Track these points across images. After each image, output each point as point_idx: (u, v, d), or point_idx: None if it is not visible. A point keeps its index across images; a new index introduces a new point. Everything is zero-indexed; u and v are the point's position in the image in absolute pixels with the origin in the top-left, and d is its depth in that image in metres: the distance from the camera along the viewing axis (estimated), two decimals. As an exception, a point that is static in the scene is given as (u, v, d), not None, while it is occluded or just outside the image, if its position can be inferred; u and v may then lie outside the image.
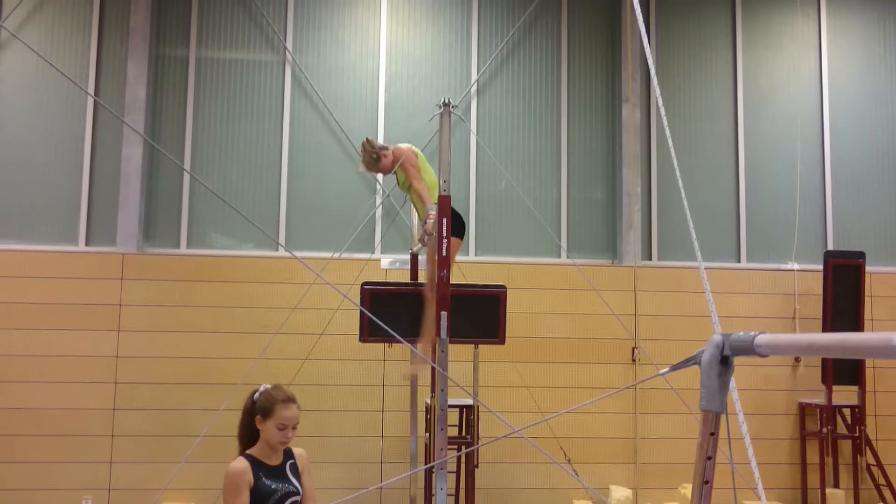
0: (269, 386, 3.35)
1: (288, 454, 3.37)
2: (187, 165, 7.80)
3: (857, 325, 7.64)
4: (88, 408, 7.29)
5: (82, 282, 7.43)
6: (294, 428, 3.27)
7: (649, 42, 8.33)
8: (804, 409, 7.88)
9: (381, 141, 8.01)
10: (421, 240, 5.82)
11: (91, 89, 7.73)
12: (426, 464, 6.19)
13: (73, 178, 7.69)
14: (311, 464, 3.44)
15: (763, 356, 1.60)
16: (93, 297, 7.42)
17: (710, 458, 1.77)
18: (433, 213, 4.94)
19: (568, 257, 7.82)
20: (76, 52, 7.84)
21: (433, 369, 5.22)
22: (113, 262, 7.49)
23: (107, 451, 7.28)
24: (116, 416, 7.33)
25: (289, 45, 8.05)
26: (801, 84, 8.56)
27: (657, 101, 4.25)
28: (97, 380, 7.33)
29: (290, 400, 3.27)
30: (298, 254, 7.50)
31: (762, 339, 1.58)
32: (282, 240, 7.78)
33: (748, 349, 1.61)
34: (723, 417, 1.76)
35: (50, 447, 7.19)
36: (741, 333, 1.65)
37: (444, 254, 4.66)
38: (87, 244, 7.63)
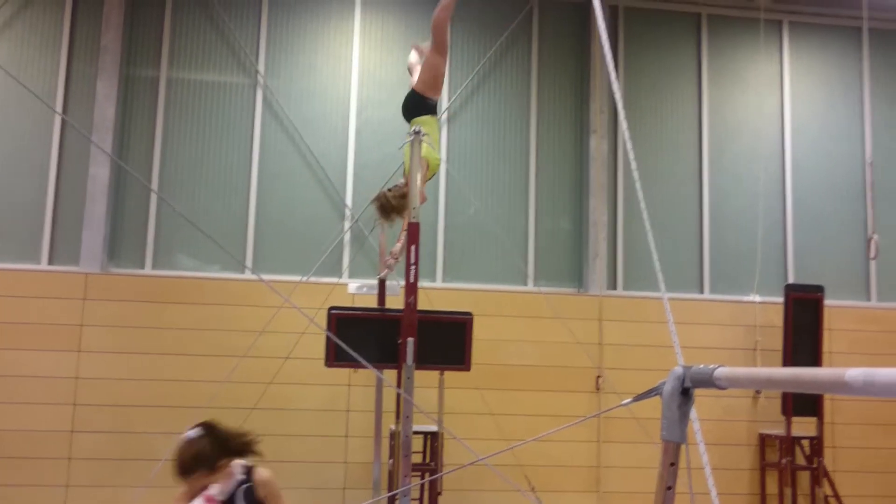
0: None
1: (243, 478, 3.24)
2: (155, 186, 7.74)
3: (816, 357, 7.78)
4: (45, 430, 7.15)
5: (44, 301, 7.32)
6: None
7: (617, 76, 8.48)
8: (764, 440, 7.98)
9: (350, 165, 8.05)
10: (387, 264, 5.84)
11: (59, 108, 7.67)
12: (389, 491, 6.16)
13: (38, 196, 7.60)
14: (278, 491, 3.33)
15: (722, 388, 1.64)
16: (54, 317, 7.30)
17: (669, 488, 1.80)
18: (403, 238, 4.97)
19: (534, 285, 7.88)
20: (45, 70, 7.78)
21: (398, 395, 5.21)
22: (76, 281, 7.39)
23: (63, 474, 7.13)
24: (74, 438, 7.19)
25: (260, 67, 8.07)
26: (765, 121, 8.77)
27: (624, 134, 4.33)
28: (55, 401, 7.19)
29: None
30: (266, 277, 7.47)
31: (721, 372, 1.62)
32: (249, 262, 7.74)
33: (708, 381, 1.65)
34: (683, 447, 1.80)
35: (4, 469, 7.03)
36: (701, 366, 1.69)
37: (411, 281, 4.67)
38: (49, 263, 7.53)
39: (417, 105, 5.36)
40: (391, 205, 5.43)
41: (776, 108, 8.82)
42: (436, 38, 5.30)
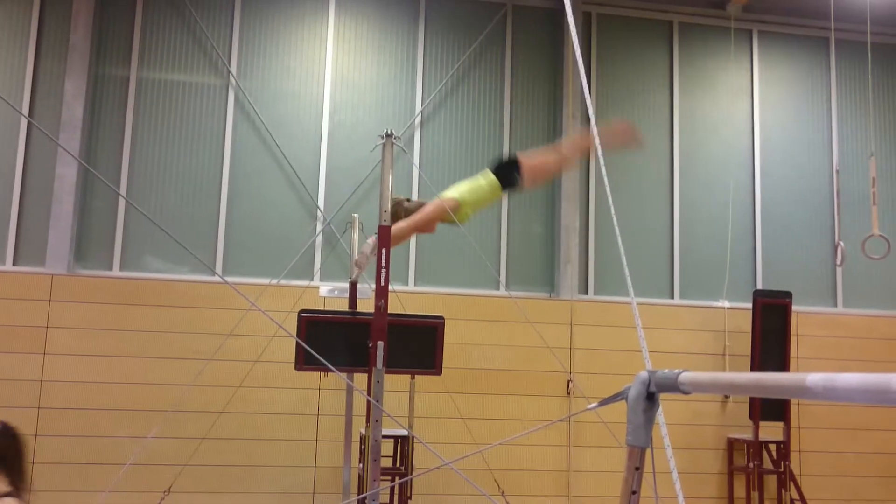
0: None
1: None
2: (124, 186, 7.65)
3: (784, 362, 7.87)
4: (9, 433, 7.01)
5: (8, 302, 7.19)
6: None
7: (590, 82, 8.55)
8: (732, 444, 8.05)
9: (322, 168, 8.01)
10: (360, 265, 5.79)
11: (26, 107, 7.55)
12: (359, 495, 6.13)
13: (3, 196, 7.48)
14: None
15: (686, 393, 1.65)
16: (19, 319, 7.18)
17: (634, 493, 1.81)
18: (374, 237, 4.93)
19: (506, 290, 7.89)
20: (12, 67, 7.66)
21: (368, 400, 5.19)
22: (41, 282, 7.27)
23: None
24: (39, 441, 7.07)
25: (233, 68, 8.01)
26: (735, 129, 8.87)
27: (595, 140, 4.35)
28: (19, 404, 7.06)
29: None
30: (236, 279, 7.41)
31: (686, 376, 1.63)
32: (219, 265, 7.67)
33: (672, 386, 1.66)
34: (648, 452, 1.81)
35: (-35, 474, 6.89)
36: (666, 371, 1.70)
37: (382, 284, 4.65)
38: (14, 264, 7.41)
39: (507, 170, 5.07)
40: (401, 216, 5.20)
41: (746, 116, 8.92)
42: (564, 159, 5.55)
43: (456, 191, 4.98)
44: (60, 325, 7.24)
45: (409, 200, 5.22)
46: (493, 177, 5.04)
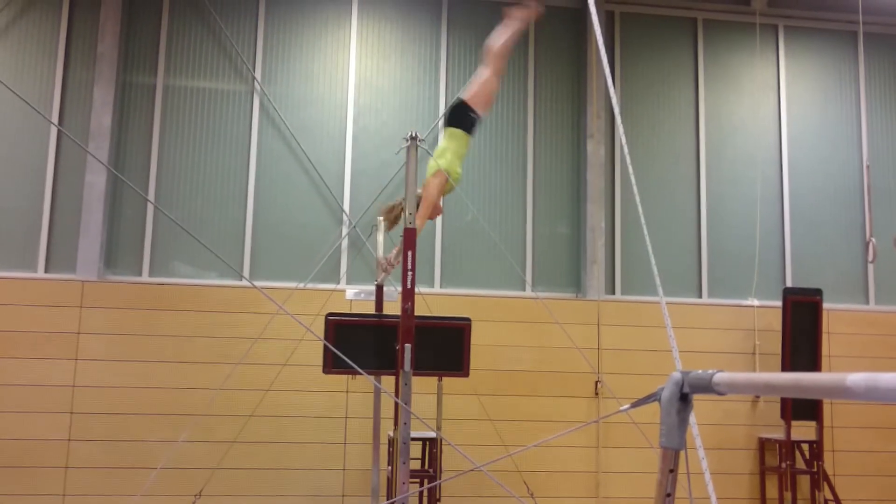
0: None
1: None
2: (152, 193, 7.73)
3: (815, 361, 7.77)
4: (42, 438, 7.12)
5: (40, 309, 7.29)
6: None
7: (614, 80, 8.50)
8: (763, 444, 7.96)
9: (347, 171, 8.04)
10: (385, 270, 5.81)
11: (56, 115, 7.66)
12: (388, 498, 6.13)
13: (35, 204, 7.58)
14: None
15: (721, 394, 1.63)
16: (50, 325, 7.28)
17: (669, 495, 1.79)
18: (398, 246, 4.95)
19: (532, 291, 7.86)
20: (42, 77, 7.77)
21: (396, 403, 5.19)
22: (72, 289, 7.37)
23: (60, 483, 7.09)
24: (71, 446, 7.16)
25: (257, 75, 8.06)
26: (761, 125, 8.78)
27: (621, 139, 4.33)
28: (52, 409, 7.16)
29: None
30: (263, 283, 7.46)
31: (720, 377, 1.61)
32: (246, 269, 7.72)
33: (706, 387, 1.64)
34: (682, 454, 1.79)
35: (1, 478, 6.99)
36: (700, 371, 1.68)
37: (408, 286, 4.65)
38: (46, 271, 7.51)
39: (461, 116, 5.27)
40: (402, 217, 5.25)
41: (773, 113, 8.82)
42: (497, 63, 5.34)
43: (437, 163, 5.08)
44: (91, 330, 7.33)
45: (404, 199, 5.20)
46: (457, 130, 5.18)
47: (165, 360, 7.37)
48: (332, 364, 5.61)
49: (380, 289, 6.60)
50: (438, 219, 8.09)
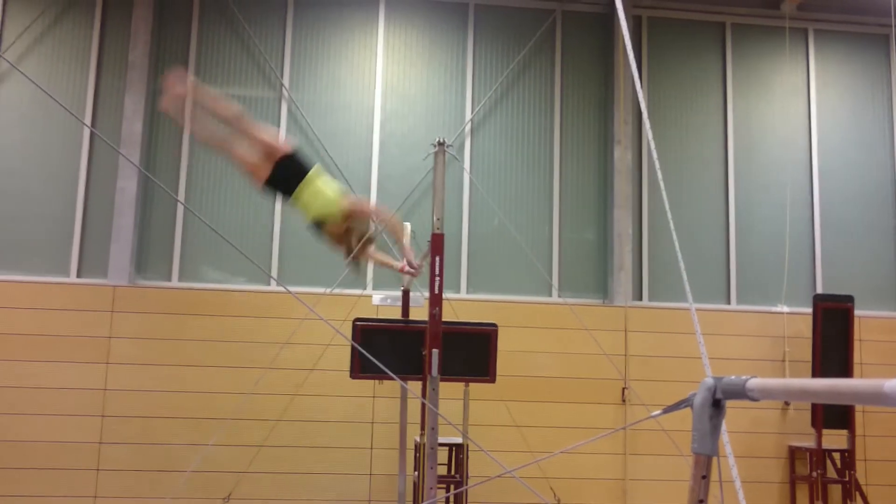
0: None
1: None
2: (181, 199, 7.82)
3: (846, 369, 7.66)
4: (74, 441, 7.21)
5: (72, 313, 7.40)
6: None
7: (641, 86, 8.44)
8: (794, 453, 7.86)
9: (374, 177, 8.08)
10: (407, 272, 5.72)
11: (88, 122, 7.77)
12: (414, 503, 6.14)
13: (67, 210, 7.70)
14: None
15: (755, 400, 1.62)
16: (82, 329, 7.38)
17: (701, 501, 1.78)
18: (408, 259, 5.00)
19: (559, 296, 7.84)
20: (75, 85, 7.89)
21: (423, 406, 5.20)
22: (104, 294, 7.47)
23: (92, 485, 7.18)
24: (102, 449, 7.25)
25: (285, 81, 8.13)
26: (791, 130, 8.69)
27: (649, 144, 4.31)
28: (84, 412, 7.26)
29: None
30: (291, 289, 7.50)
31: (754, 383, 1.60)
32: (274, 274, 7.78)
33: (740, 393, 1.63)
34: (714, 460, 1.78)
35: (34, 481, 7.10)
36: (733, 377, 1.67)
37: (436, 292, 4.67)
38: (78, 276, 7.61)
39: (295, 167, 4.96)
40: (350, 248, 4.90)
41: (802, 117, 8.73)
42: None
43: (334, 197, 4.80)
44: (122, 335, 7.43)
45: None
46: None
47: (194, 365, 7.44)
48: (359, 369, 5.64)
49: (406, 294, 6.63)
50: (465, 224, 8.10)
